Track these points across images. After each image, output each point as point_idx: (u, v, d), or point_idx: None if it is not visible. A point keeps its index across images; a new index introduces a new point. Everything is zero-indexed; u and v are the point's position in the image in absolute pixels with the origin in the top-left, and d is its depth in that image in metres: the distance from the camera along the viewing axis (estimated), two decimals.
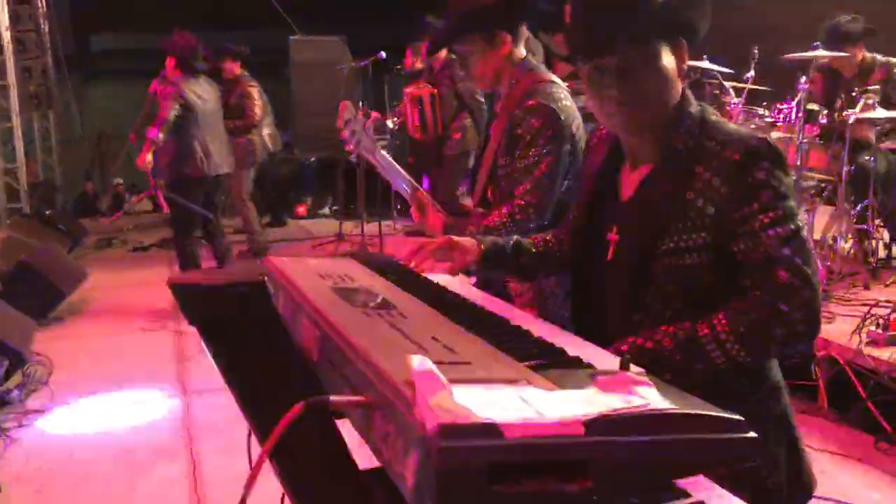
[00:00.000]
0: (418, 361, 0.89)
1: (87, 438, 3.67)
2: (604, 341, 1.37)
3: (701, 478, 0.97)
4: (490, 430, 0.79)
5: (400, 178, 2.46)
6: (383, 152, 2.47)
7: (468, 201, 2.62)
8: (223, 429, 3.52)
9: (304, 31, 9.58)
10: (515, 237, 1.84)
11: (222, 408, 3.47)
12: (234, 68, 6.79)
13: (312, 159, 8.80)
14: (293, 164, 8.81)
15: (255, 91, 6.78)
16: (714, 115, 1.52)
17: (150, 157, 5.23)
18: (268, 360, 1.22)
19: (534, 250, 1.82)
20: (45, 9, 10.15)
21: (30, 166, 9.49)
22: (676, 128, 1.48)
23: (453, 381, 0.90)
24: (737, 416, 0.89)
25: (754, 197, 1.39)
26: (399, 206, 8.42)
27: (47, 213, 7.58)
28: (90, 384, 4.25)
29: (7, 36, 8.60)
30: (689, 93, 1.52)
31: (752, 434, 0.88)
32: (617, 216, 1.58)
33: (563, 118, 2.20)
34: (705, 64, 5.71)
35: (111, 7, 16.35)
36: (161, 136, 5.22)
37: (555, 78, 2.33)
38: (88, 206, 10.85)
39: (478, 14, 2.22)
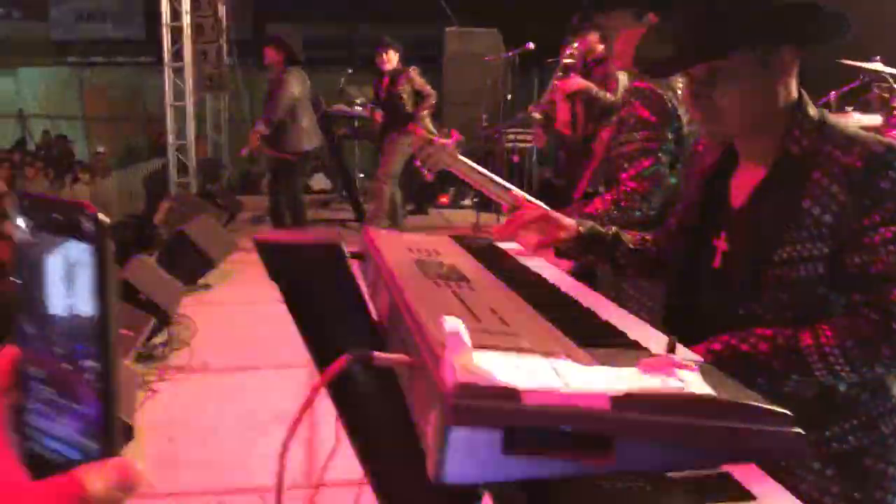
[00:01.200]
0: (450, 323, 0.90)
1: (217, 397, 3.91)
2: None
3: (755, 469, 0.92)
4: (509, 393, 0.78)
5: (486, 183, 2.37)
6: (463, 158, 2.40)
7: None
8: None
9: (462, 23, 9.73)
10: (615, 228, 1.80)
11: None
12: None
13: (459, 149, 8.93)
14: None
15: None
16: (833, 118, 1.43)
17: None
18: (341, 319, 1.26)
19: (631, 246, 1.76)
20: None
21: (199, 144, 10.17)
22: (792, 131, 1.40)
23: (490, 347, 0.91)
24: (784, 411, 0.84)
25: (876, 207, 1.30)
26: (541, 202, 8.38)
27: (208, 188, 8.10)
28: (227, 348, 4.52)
29: (187, 20, 9.24)
30: (806, 95, 1.43)
31: (798, 430, 0.83)
32: (727, 223, 1.51)
33: (670, 105, 2.15)
34: (877, 65, 5.33)
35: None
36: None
37: None
38: (250, 185, 11.50)
39: None
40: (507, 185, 2.36)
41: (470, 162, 2.39)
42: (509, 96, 7.47)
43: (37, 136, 15.65)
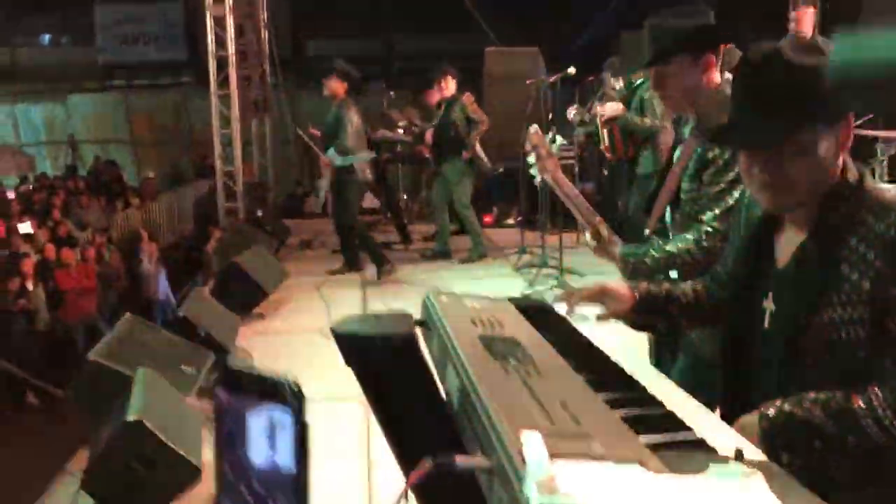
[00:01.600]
0: (531, 437, 0.96)
1: None
2: (746, 388, 1.37)
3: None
4: None
5: (577, 204, 2.41)
6: (562, 176, 2.44)
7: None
8: None
9: (503, 41, 9.82)
10: (666, 286, 1.85)
11: None
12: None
13: (500, 169, 8.99)
14: (482, 174, 9.04)
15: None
16: (872, 184, 1.47)
17: None
18: (415, 407, 1.33)
19: (684, 301, 1.81)
20: (266, 20, 11.08)
21: (246, 168, 10.38)
22: (832, 199, 1.44)
23: (567, 455, 0.97)
24: None
25: None
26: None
27: (258, 213, 8.28)
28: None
29: (232, 48, 9.46)
30: (849, 162, 1.47)
31: None
32: (773, 283, 1.56)
33: None
34: None
35: (326, 15, 17.51)
36: None
37: None
38: (296, 207, 11.69)
39: (690, 34, 2.22)
40: (594, 211, 2.40)
41: (568, 182, 2.43)
42: (550, 115, 7.50)
43: (87, 161, 16.09)
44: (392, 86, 11.58)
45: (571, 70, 6.37)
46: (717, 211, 2.14)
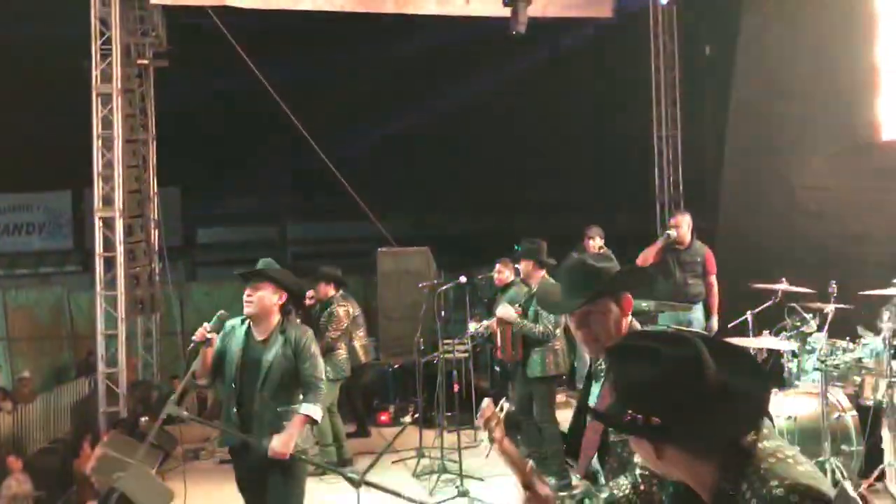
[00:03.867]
0: None
1: None
2: None
3: None
4: None
5: (516, 463, 2.32)
6: (507, 439, 2.37)
7: None
8: None
9: (395, 227, 10.15)
10: (605, 497, 1.91)
11: None
12: (329, 290, 7.20)
13: (396, 366, 9.01)
14: (377, 371, 9.02)
15: (343, 310, 7.18)
16: (758, 449, 1.53)
17: None
18: None
19: None
20: (156, 218, 11.06)
21: (129, 365, 9.97)
22: (725, 466, 1.51)
23: None
24: None
25: None
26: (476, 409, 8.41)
27: (143, 420, 7.89)
28: None
29: (120, 249, 9.33)
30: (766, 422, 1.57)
31: None
32: None
33: None
34: (783, 286, 5.73)
35: (215, 203, 17.68)
36: None
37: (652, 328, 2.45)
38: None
39: (617, 279, 2.33)
40: (527, 467, 2.31)
41: (510, 443, 2.37)
42: (443, 313, 7.69)
43: None
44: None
45: (462, 279, 6.62)
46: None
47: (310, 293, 7.58)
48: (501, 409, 2.45)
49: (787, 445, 1.57)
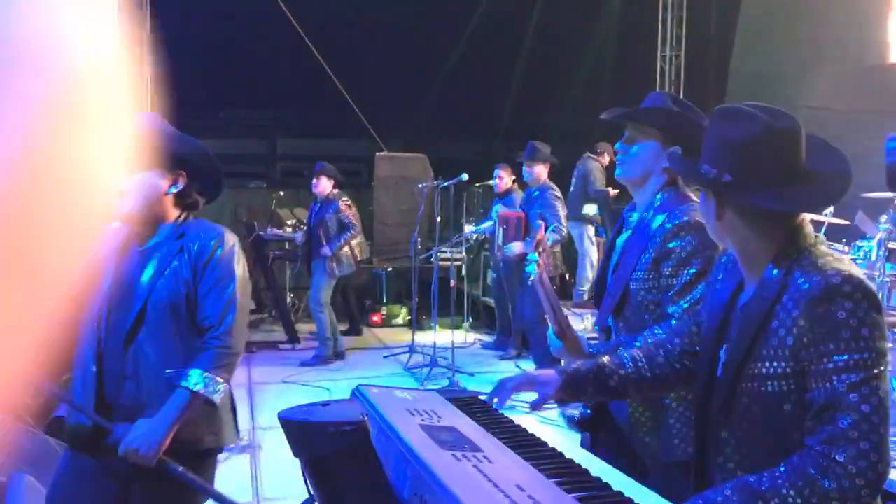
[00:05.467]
0: None
1: None
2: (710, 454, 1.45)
3: None
4: None
5: (550, 302, 2.37)
6: (546, 276, 2.41)
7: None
8: None
9: (389, 146, 10.08)
10: (601, 360, 1.87)
11: None
12: (329, 186, 7.22)
13: (389, 269, 9.07)
14: (370, 274, 9.09)
15: (353, 209, 7.25)
16: (816, 248, 1.53)
17: None
18: (365, 494, 1.32)
19: (622, 372, 1.83)
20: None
21: None
22: (777, 260, 1.53)
23: None
24: None
25: (830, 336, 1.39)
26: (471, 319, 8.55)
27: None
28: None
29: None
30: (809, 226, 1.56)
31: None
32: (728, 333, 1.63)
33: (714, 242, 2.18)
34: None
35: (206, 114, 17.44)
36: None
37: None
38: None
39: (675, 116, 2.25)
40: (561, 308, 2.37)
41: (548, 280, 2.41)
42: (438, 218, 7.73)
43: None
44: (274, 185, 11.63)
45: (464, 176, 6.63)
46: (684, 304, 2.11)
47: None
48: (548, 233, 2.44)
49: None
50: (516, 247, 6.22)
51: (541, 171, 6.46)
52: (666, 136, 2.25)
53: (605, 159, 8.14)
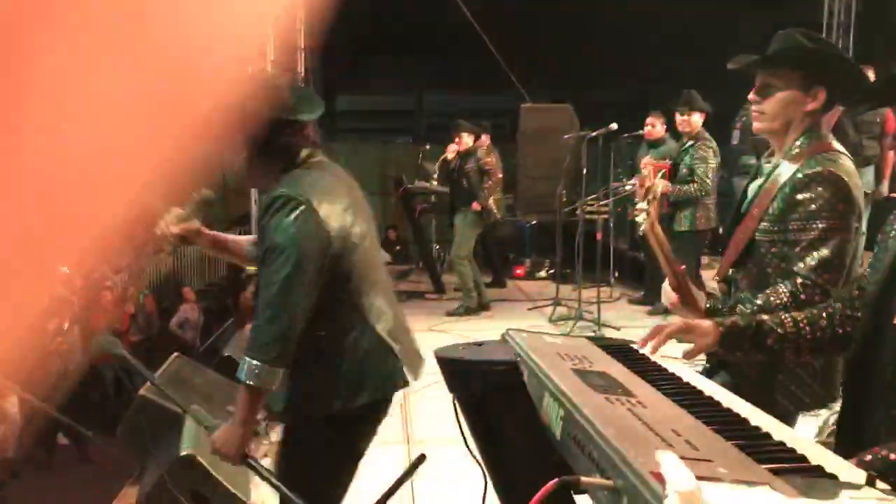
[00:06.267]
0: (668, 457, 0.98)
1: None
2: (870, 408, 1.36)
3: None
4: None
5: (664, 254, 2.26)
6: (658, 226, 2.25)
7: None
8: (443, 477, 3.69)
9: (534, 96, 9.98)
10: (759, 317, 1.80)
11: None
12: (471, 141, 7.27)
13: (533, 222, 9.06)
14: (514, 226, 9.13)
15: (493, 159, 7.29)
16: None
17: None
18: (517, 432, 1.35)
19: (780, 331, 1.77)
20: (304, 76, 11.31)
21: None
22: None
23: (698, 477, 0.98)
24: None
25: None
26: (617, 274, 8.40)
27: None
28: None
29: None
30: None
31: None
32: None
33: (854, 193, 2.04)
34: None
35: (355, 71, 17.82)
36: None
37: (842, 149, 2.15)
38: None
39: (813, 54, 2.10)
40: (678, 262, 2.25)
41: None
42: (585, 170, 7.60)
43: None
44: (420, 140, 11.78)
45: (614, 126, 6.45)
46: (811, 262, 2.00)
47: (450, 147, 7.68)
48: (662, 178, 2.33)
49: None
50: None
51: (697, 122, 6.24)
52: (806, 77, 2.08)
53: None
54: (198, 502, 3.16)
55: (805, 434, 1.92)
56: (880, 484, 1.01)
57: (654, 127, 6.90)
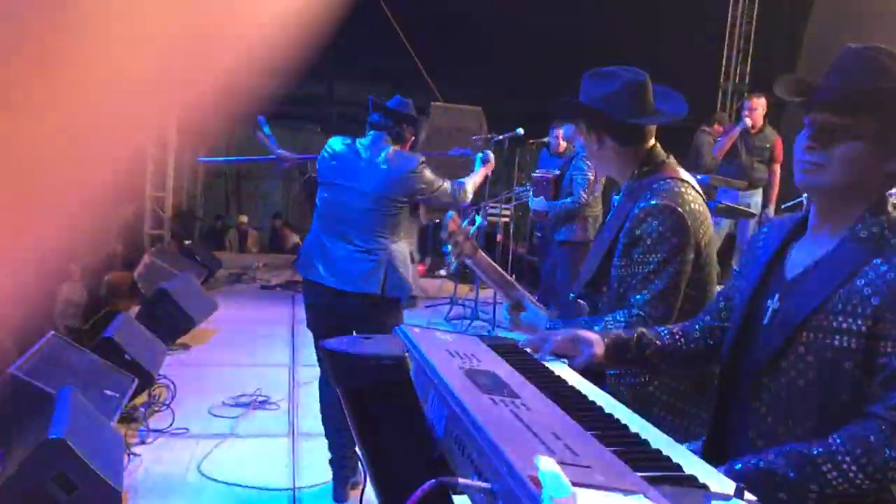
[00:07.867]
0: (546, 462, 0.97)
1: (199, 463, 3.87)
2: (738, 408, 1.42)
3: None
4: None
5: (496, 280, 2.36)
6: (482, 254, 2.38)
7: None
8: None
9: (447, 98, 10.00)
10: (640, 329, 1.86)
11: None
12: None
13: (436, 221, 9.07)
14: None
15: None
16: None
17: None
18: (399, 428, 1.32)
19: (658, 343, 1.82)
20: None
21: (176, 195, 10.16)
22: (865, 215, 1.49)
23: (575, 483, 0.98)
24: None
25: None
26: (514, 277, 8.48)
27: (187, 243, 8.09)
28: (207, 413, 4.49)
29: None
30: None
31: None
32: (782, 286, 1.59)
33: (689, 223, 2.06)
34: None
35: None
36: None
37: (685, 175, 2.18)
38: (218, 240, 11.48)
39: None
40: (516, 284, 2.37)
41: (487, 257, 2.40)
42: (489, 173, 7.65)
43: None
44: (329, 130, 11.63)
45: (520, 131, 6.52)
46: (646, 295, 2.04)
47: None
48: (473, 223, 2.41)
49: None
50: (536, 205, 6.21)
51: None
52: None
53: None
54: (65, 489, 3.00)
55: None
56: (748, 495, 1.03)
57: (559, 138, 6.99)
